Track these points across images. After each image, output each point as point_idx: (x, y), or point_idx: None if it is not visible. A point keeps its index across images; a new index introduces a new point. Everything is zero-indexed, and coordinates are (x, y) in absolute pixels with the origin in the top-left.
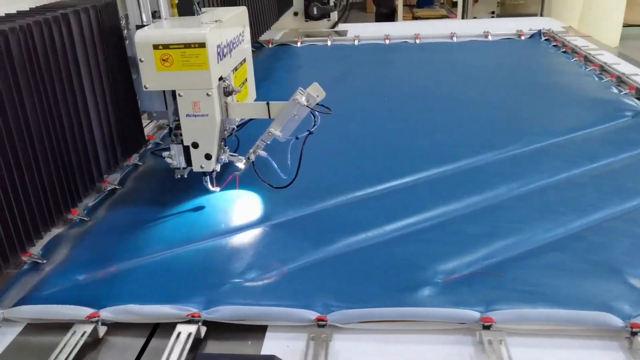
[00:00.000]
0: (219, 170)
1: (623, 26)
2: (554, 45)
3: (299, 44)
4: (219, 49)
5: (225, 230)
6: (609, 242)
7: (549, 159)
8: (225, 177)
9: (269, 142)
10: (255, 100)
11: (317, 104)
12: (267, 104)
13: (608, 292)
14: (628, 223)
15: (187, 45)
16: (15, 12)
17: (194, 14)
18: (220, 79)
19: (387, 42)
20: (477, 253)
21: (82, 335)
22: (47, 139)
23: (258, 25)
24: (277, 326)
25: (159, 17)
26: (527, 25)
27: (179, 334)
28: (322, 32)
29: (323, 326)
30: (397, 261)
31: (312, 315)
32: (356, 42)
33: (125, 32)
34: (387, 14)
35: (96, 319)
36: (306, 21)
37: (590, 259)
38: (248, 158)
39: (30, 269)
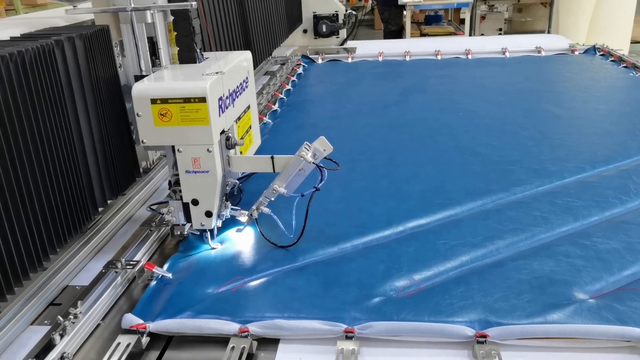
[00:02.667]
0: (220, 226)
1: (631, 42)
2: (612, 61)
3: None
4: (220, 101)
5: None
6: None
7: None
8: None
9: (272, 199)
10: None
11: (325, 157)
12: (272, 157)
13: None
14: None
15: (187, 100)
16: (9, 38)
17: (195, 62)
18: (222, 132)
19: (408, 58)
20: (623, 270)
21: (242, 351)
22: (38, 169)
23: (269, 42)
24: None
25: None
26: (534, 42)
27: (341, 349)
28: (331, 49)
29: (482, 342)
30: (540, 277)
31: (469, 332)
32: (380, 59)
33: (119, 59)
34: (395, 31)
35: (246, 333)
36: (315, 38)
37: None
38: (251, 215)
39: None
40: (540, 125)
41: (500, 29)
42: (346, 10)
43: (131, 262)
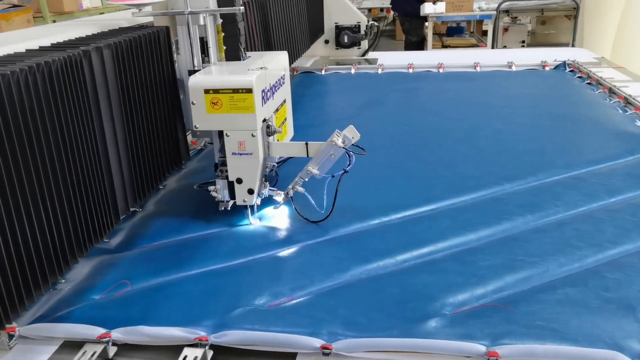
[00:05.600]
0: (259, 203)
1: None
2: (579, 77)
3: (323, 72)
4: (263, 93)
5: (240, 255)
6: (624, 279)
7: (568, 192)
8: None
9: (306, 180)
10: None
11: (353, 144)
12: (306, 144)
13: (620, 330)
14: None
15: (236, 91)
16: (38, 47)
17: (240, 60)
18: (264, 120)
19: (411, 70)
20: (490, 285)
21: (92, 355)
22: (62, 178)
23: (291, 52)
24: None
25: (209, 62)
26: (558, 55)
27: (185, 357)
28: (352, 59)
29: (328, 354)
30: (409, 291)
31: (318, 343)
32: (379, 71)
33: (175, 55)
34: (415, 42)
35: (107, 339)
36: (337, 49)
37: (604, 296)
38: (287, 193)
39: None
40: (479, 141)
41: (523, 41)
42: (368, 21)
43: None
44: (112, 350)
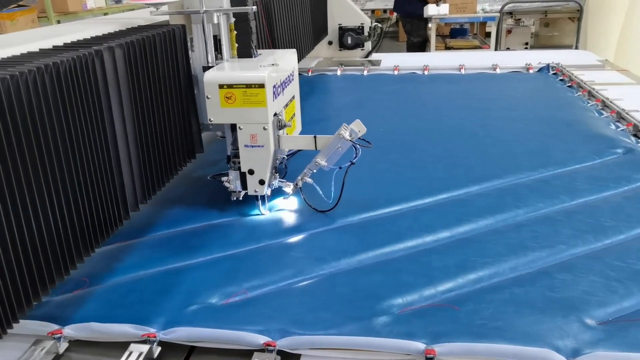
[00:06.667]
0: (269, 194)
1: None
2: (561, 80)
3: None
4: (274, 88)
5: (195, 254)
6: (572, 279)
7: (531, 194)
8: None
9: (314, 171)
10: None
11: (359, 138)
12: (314, 137)
13: (559, 329)
14: (597, 261)
15: (248, 86)
16: (51, 47)
17: (251, 57)
18: (275, 114)
19: (396, 72)
20: (440, 286)
21: (42, 350)
22: (68, 178)
23: None
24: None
25: (221, 58)
26: (561, 58)
27: (130, 353)
28: (355, 61)
29: (271, 351)
30: (360, 290)
31: (262, 340)
32: (365, 72)
33: (190, 52)
34: (417, 43)
35: (58, 335)
36: (340, 50)
37: (550, 296)
38: (296, 184)
39: None
40: (452, 143)
41: (527, 43)
42: (371, 23)
43: None
44: (62, 347)
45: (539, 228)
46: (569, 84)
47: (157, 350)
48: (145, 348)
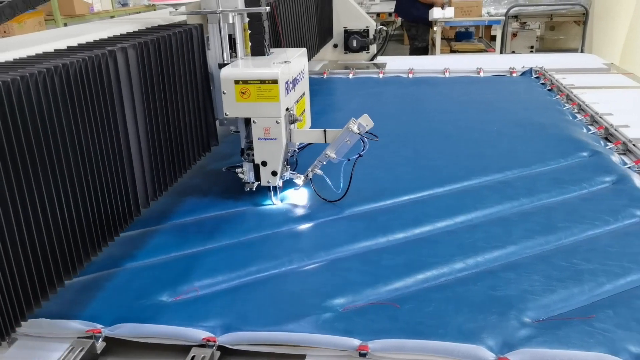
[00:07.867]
0: (281, 185)
1: None
2: (542, 83)
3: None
4: (286, 84)
5: (151, 254)
6: (515, 278)
7: (492, 195)
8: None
9: (324, 163)
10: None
11: (367, 132)
12: (324, 131)
13: (494, 327)
14: (542, 262)
15: (262, 82)
16: (66, 47)
17: (264, 55)
18: (287, 109)
19: (381, 75)
20: (387, 285)
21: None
22: (77, 179)
23: None
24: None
25: (236, 56)
26: (566, 61)
27: (72, 348)
28: (361, 64)
29: (211, 347)
30: (308, 289)
31: (203, 335)
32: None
33: (207, 50)
34: (421, 48)
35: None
36: (345, 53)
37: (490, 294)
38: (307, 175)
39: None
40: (424, 145)
41: (532, 47)
42: (377, 26)
43: None
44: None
45: (492, 229)
46: (549, 88)
47: (102, 345)
48: (87, 343)
